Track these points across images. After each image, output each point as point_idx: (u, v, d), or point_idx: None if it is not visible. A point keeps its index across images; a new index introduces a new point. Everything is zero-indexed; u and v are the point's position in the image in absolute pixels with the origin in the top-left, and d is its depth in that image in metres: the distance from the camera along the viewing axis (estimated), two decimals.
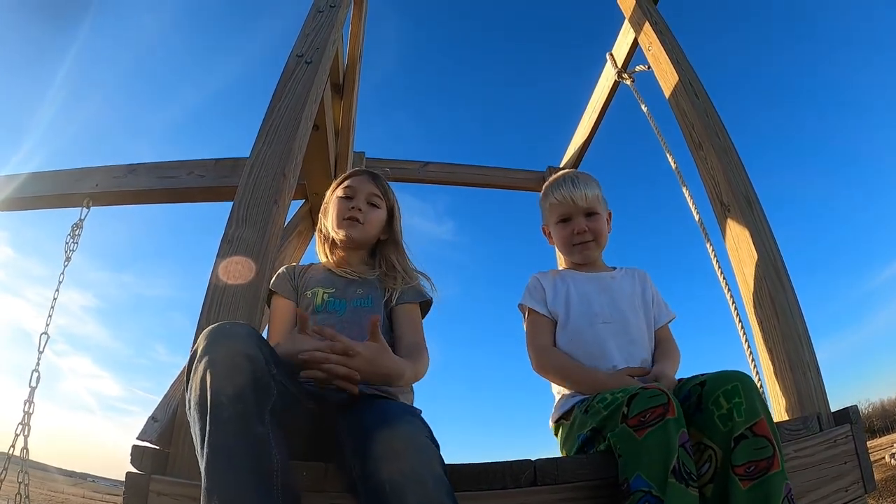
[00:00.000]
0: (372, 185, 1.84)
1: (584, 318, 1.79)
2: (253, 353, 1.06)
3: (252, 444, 1.00)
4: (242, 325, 1.13)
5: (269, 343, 1.58)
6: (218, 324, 1.12)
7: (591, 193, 1.90)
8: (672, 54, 2.47)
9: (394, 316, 1.71)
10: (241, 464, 0.98)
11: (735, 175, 2.08)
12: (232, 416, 1.00)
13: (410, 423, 1.05)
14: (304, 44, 2.20)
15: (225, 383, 1.02)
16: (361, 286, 1.73)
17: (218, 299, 1.54)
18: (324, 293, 1.69)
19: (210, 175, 2.74)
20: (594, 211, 1.91)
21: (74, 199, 2.72)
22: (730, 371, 1.34)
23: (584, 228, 1.89)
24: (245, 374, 1.03)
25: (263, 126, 1.93)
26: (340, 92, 3.27)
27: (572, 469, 1.28)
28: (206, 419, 1.00)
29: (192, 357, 1.08)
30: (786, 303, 1.83)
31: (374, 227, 1.82)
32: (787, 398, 1.73)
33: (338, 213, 1.79)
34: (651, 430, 1.21)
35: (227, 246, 1.64)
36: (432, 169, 3.39)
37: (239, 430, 1.00)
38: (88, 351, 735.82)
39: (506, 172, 3.61)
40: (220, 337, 1.07)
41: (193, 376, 1.06)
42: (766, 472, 1.19)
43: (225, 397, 1.01)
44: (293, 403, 1.20)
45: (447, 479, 1.01)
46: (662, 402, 1.23)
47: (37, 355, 2.33)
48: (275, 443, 1.03)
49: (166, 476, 1.27)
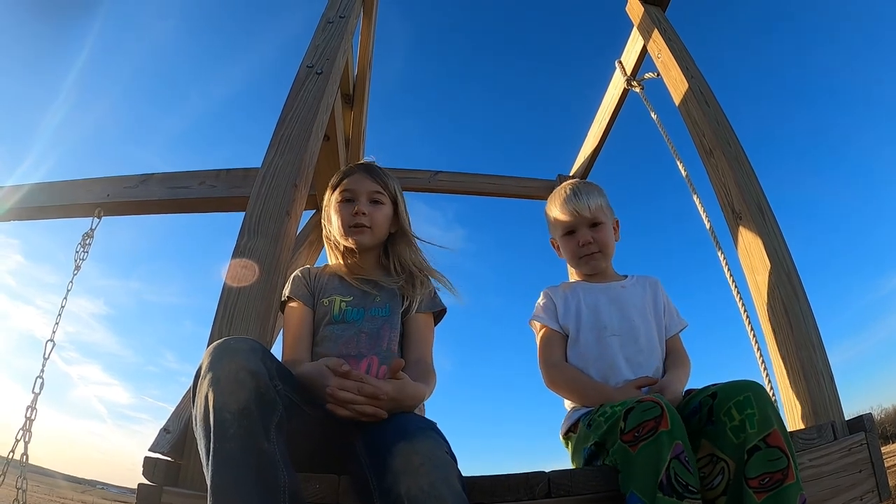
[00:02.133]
0: (371, 182, 1.80)
1: (593, 332, 1.79)
2: (257, 368, 1.06)
3: (258, 461, 1.00)
4: (247, 340, 1.13)
5: (287, 352, 1.58)
6: (222, 339, 1.12)
7: (595, 204, 1.89)
8: (681, 62, 2.47)
9: (406, 324, 1.70)
10: (247, 481, 0.98)
11: (747, 183, 2.07)
12: (237, 433, 1.00)
13: (429, 438, 1.05)
14: (314, 54, 2.21)
15: (229, 399, 1.02)
16: (380, 293, 1.71)
17: (230, 310, 1.54)
18: (341, 302, 1.68)
19: (221, 186, 2.75)
20: (599, 221, 1.90)
21: (85, 209, 2.72)
22: (741, 381, 1.32)
23: (588, 240, 1.89)
24: (249, 389, 1.03)
25: (275, 137, 1.93)
26: (351, 102, 3.27)
27: (585, 481, 1.28)
28: (210, 436, 1.00)
29: (197, 374, 1.09)
30: (799, 311, 1.81)
31: (382, 227, 1.79)
32: (801, 406, 1.72)
33: (342, 220, 1.76)
34: (644, 444, 1.21)
35: (238, 257, 1.64)
36: (442, 178, 3.38)
37: (244, 447, 1.00)
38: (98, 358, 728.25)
39: (516, 181, 3.60)
40: (223, 353, 1.07)
41: (198, 393, 1.06)
42: (781, 484, 1.17)
43: (229, 413, 1.01)
44: (302, 416, 1.20)
45: (465, 495, 1.01)
46: (655, 416, 1.23)
47: (42, 362, 2.34)
48: (281, 458, 1.03)
49: (178, 488, 1.27)
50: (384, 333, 1.64)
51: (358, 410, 1.17)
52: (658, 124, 2.71)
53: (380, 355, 1.60)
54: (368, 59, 3.37)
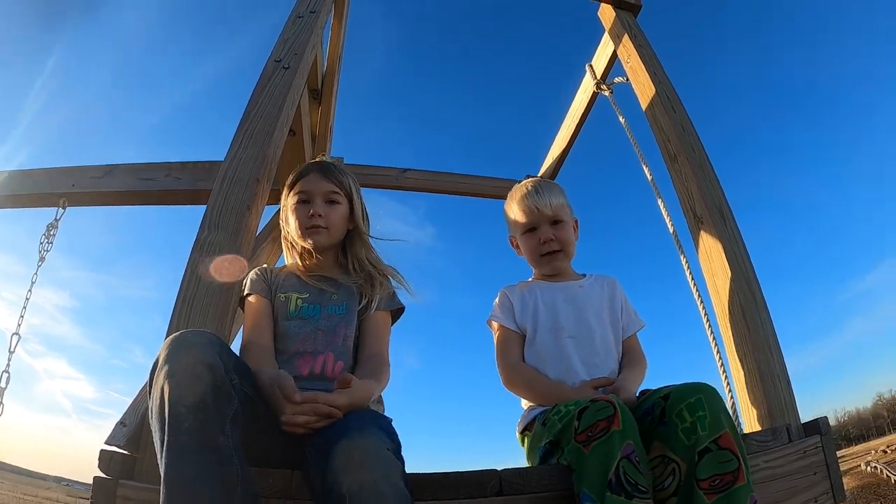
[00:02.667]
0: (326, 182, 1.79)
1: (550, 333, 1.79)
2: (213, 361, 1.06)
3: (213, 454, 0.99)
4: (204, 334, 1.12)
5: (246, 335, 1.56)
6: (180, 332, 1.11)
7: (556, 201, 1.89)
8: (650, 67, 2.50)
9: (364, 321, 1.70)
10: (200, 474, 0.97)
11: (709, 188, 2.10)
12: (192, 426, 0.99)
13: (372, 435, 1.05)
14: (282, 49, 2.20)
15: (185, 393, 1.01)
16: (337, 292, 1.71)
17: (189, 304, 1.53)
18: (297, 298, 1.68)
19: (187, 178, 2.71)
20: (560, 219, 1.90)
21: (51, 199, 2.67)
22: (694, 383, 1.33)
23: (550, 237, 1.89)
24: (205, 383, 1.03)
25: (239, 131, 1.92)
26: (318, 97, 3.26)
27: (539, 479, 1.28)
28: (165, 428, 1.00)
29: (154, 366, 1.08)
30: (757, 315, 1.84)
31: (338, 227, 1.79)
32: (757, 409, 1.74)
33: (299, 222, 1.75)
34: (595, 443, 1.22)
35: (198, 251, 1.62)
36: (411, 176, 3.38)
37: (199, 440, 0.99)
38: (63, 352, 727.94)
39: (484, 181, 3.62)
40: (180, 346, 1.07)
41: (154, 386, 1.05)
42: (732, 486, 1.18)
43: (184, 407, 1.00)
44: (259, 412, 1.20)
45: (409, 493, 1.01)
46: (608, 415, 1.23)
47: (7, 356, 2.29)
48: (236, 452, 1.03)
49: (134, 481, 1.26)
50: (340, 331, 1.64)
51: (314, 427, 1.18)
52: (625, 128, 2.74)
53: (336, 352, 1.60)
54: (338, 55, 3.36)
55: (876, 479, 42.38)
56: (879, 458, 52.91)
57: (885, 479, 40.79)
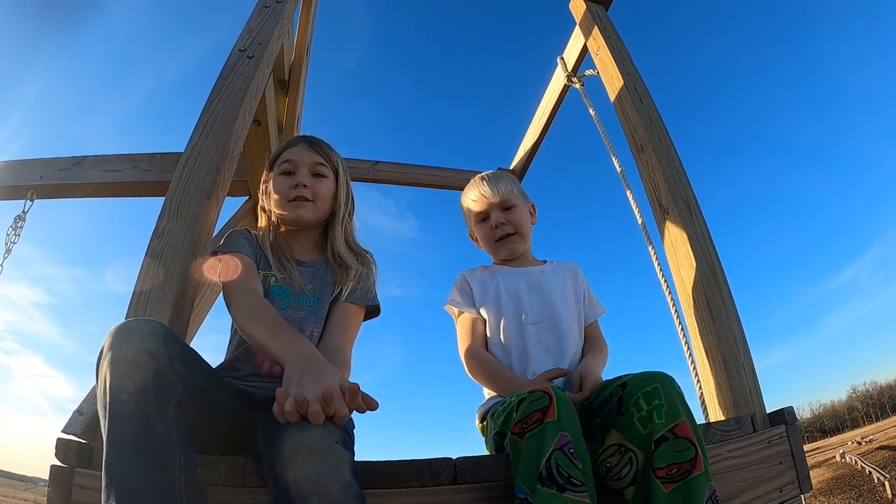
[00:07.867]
0: (313, 153, 1.73)
1: (513, 319, 1.79)
2: (155, 349, 1.04)
3: (153, 441, 0.99)
4: (149, 322, 1.10)
5: (253, 291, 1.48)
6: (124, 321, 1.10)
7: (504, 187, 1.92)
8: (619, 59, 2.50)
9: (333, 310, 1.65)
10: (139, 460, 0.96)
11: (675, 179, 2.10)
12: (132, 413, 0.98)
13: (322, 426, 1.02)
14: (247, 38, 2.17)
15: (125, 381, 1.00)
16: (312, 280, 1.67)
17: (146, 294, 1.50)
18: (272, 278, 1.62)
19: (155, 170, 2.67)
20: (510, 203, 1.92)
21: (18, 191, 2.62)
22: (651, 372, 1.32)
23: (502, 221, 1.90)
24: (146, 371, 1.02)
25: (200, 120, 1.88)
26: (286, 88, 3.22)
27: (493, 468, 1.27)
28: (107, 416, 0.99)
29: (99, 355, 1.07)
30: (722, 305, 1.84)
31: (325, 201, 1.72)
32: (722, 399, 1.75)
33: (281, 193, 1.68)
34: (529, 434, 1.19)
35: (157, 240, 1.60)
36: (382, 168, 3.37)
37: (139, 427, 0.98)
38: (39, 350, 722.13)
39: (456, 173, 3.61)
40: (123, 335, 1.06)
41: (99, 374, 1.05)
42: (689, 475, 1.17)
43: (125, 394, 0.99)
44: (205, 400, 1.19)
45: (357, 484, 0.99)
46: (543, 406, 1.21)
47: None
48: (178, 439, 1.02)
49: (90, 469, 1.25)
50: (307, 326, 1.60)
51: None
52: (595, 120, 2.75)
53: None
54: (306, 45, 3.33)
55: (850, 470, 43.10)
56: (854, 449, 53.90)
57: (859, 470, 41.50)
